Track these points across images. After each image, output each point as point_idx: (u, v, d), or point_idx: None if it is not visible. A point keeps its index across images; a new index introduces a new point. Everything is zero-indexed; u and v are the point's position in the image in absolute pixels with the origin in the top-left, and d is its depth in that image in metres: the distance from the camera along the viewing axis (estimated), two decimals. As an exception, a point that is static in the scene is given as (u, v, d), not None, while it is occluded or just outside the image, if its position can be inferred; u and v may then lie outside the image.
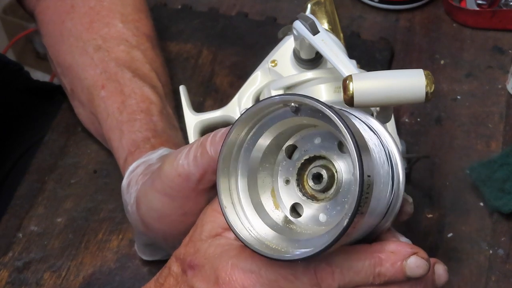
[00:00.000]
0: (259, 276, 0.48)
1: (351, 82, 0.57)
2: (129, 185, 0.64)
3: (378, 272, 0.47)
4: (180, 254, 0.53)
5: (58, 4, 0.79)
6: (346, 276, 0.47)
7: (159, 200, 0.58)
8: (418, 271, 0.48)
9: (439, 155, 0.78)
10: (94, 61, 0.75)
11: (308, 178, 0.50)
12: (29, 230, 0.75)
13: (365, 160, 0.44)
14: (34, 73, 1.61)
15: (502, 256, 0.70)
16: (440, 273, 0.51)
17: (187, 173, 0.55)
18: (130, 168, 0.65)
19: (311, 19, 0.66)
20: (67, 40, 0.77)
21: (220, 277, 0.48)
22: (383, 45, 0.87)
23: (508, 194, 0.72)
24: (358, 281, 0.47)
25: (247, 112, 0.48)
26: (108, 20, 0.77)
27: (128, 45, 0.76)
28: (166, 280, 0.53)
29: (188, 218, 0.58)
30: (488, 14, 0.88)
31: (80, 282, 0.71)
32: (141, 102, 0.72)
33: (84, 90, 0.75)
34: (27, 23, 1.76)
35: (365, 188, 0.43)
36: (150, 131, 0.69)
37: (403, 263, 0.47)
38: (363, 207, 0.44)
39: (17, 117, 0.96)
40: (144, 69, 0.75)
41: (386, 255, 0.47)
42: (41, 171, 0.80)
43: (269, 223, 0.49)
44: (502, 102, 0.82)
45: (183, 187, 0.56)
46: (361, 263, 0.47)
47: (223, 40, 0.90)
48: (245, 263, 0.48)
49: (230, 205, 0.49)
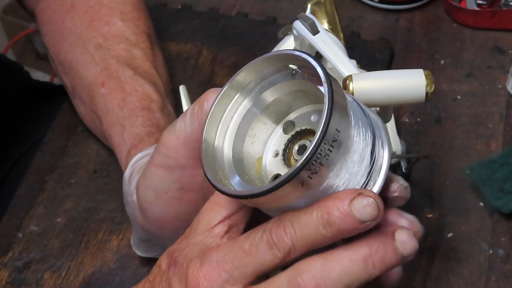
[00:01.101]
0: (224, 263, 0.47)
1: (351, 82, 0.57)
2: (131, 175, 0.64)
3: (327, 221, 0.45)
4: (171, 250, 0.53)
5: (58, 3, 0.79)
6: (297, 230, 0.45)
7: (156, 175, 0.58)
8: (366, 210, 0.44)
9: (439, 155, 0.78)
10: (94, 59, 0.75)
11: (294, 150, 0.50)
12: (29, 230, 0.75)
13: (336, 115, 0.43)
14: (34, 73, 1.61)
15: (502, 256, 0.70)
16: (403, 239, 0.46)
17: (185, 135, 0.55)
18: (134, 159, 0.65)
19: (311, 19, 0.66)
20: (67, 39, 0.77)
21: (188, 277, 0.48)
22: (383, 45, 0.87)
23: (508, 194, 0.72)
24: (309, 234, 0.45)
25: (248, 65, 0.49)
26: (108, 19, 0.77)
27: (129, 43, 0.76)
28: (155, 277, 0.53)
29: (184, 194, 0.58)
30: (488, 14, 0.88)
31: (80, 282, 0.71)
32: (142, 99, 0.72)
33: (84, 88, 0.75)
34: (27, 23, 1.76)
35: (328, 137, 0.42)
36: (154, 126, 0.69)
37: (349, 206, 0.44)
38: (323, 159, 0.43)
39: (17, 117, 0.96)
40: (144, 67, 0.75)
41: (330, 202, 0.45)
42: (41, 171, 0.80)
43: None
44: (502, 102, 0.82)
45: (181, 152, 0.55)
46: (308, 215, 0.45)
47: (223, 40, 0.90)
48: (210, 257, 0.48)
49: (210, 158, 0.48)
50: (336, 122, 0.43)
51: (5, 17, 1.85)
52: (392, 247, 0.46)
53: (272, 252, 0.46)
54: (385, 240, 0.46)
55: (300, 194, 0.45)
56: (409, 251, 0.46)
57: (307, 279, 0.45)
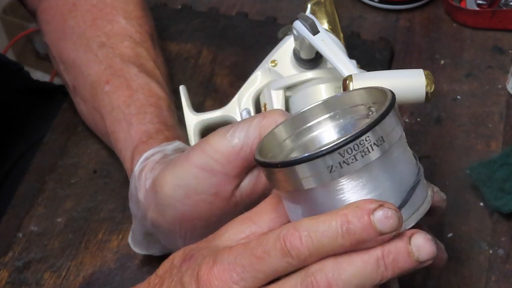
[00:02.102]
0: (235, 265, 0.47)
1: (351, 82, 0.57)
2: (143, 171, 0.63)
3: (346, 230, 0.44)
4: (188, 248, 0.52)
5: (61, 2, 0.79)
6: (314, 239, 0.45)
7: (194, 176, 0.57)
8: (388, 222, 0.44)
9: (439, 155, 0.78)
10: (98, 58, 0.75)
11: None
12: (29, 230, 0.75)
13: (392, 117, 0.45)
14: (34, 73, 1.62)
15: (502, 256, 0.70)
16: (420, 244, 0.45)
17: (242, 145, 0.55)
18: (145, 155, 0.64)
19: (311, 19, 0.66)
20: (70, 37, 0.77)
21: (200, 275, 0.48)
22: (383, 45, 0.87)
23: (508, 194, 0.72)
24: (327, 243, 0.45)
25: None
26: (111, 17, 0.77)
27: (132, 41, 0.76)
28: (166, 272, 0.52)
29: (216, 199, 0.57)
30: (488, 14, 0.88)
31: (80, 282, 0.71)
32: (149, 96, 0.71)
33: (86, 86, 0.75)
34: (27, 23, 1.76)
35: (379, 129, 0.44)
36: (162, 124, 0.69)
37: (371, 216, 0.44)
38: (362, 151, 0.44)
39: (17, 117, 0.96)
40: (148, 66, 0.75)
41: (351, 210, 0.44)
42: (41, 171, 0.80)
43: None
44: (502, 102, 0.82)
45: (232, 159, 0.55)
46: (327, 223, 0.45)
47: (223, 40, 0.90)
48: (222, 257, 0.48)
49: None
50: (392, 123, 0.44)
51: (5, 17, 1.85)
52: (406, 250, 0.45)
53: (286, 260, 0.46)
54: (400, 244, 0.46)
55: (323, 189, 0.45)
56: (426, 256, 0.46)
57: (319, 279, 0.45)
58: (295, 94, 0.72)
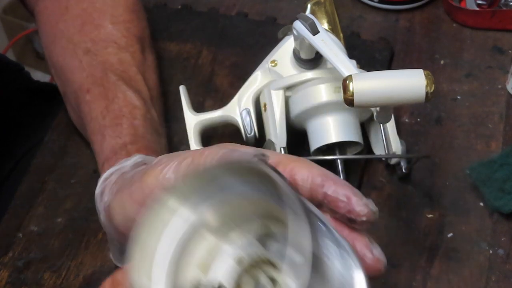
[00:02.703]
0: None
1: (351, 82, 0.57)
2: (103, 193, 0.63)
3: None
4: (118, 273, 0.52)
5: (55, 5, 0.78)
6: None
7: (136, 211, 0.56)
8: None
9: (439, 155, 0.78)
10: (82, 64, 0.74)
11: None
12: (29, 230, 0.75)
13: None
14: (34, 73, 1.61)
15: (502, 256, 0.70)
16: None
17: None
18: (104, 175, 0.64)
19: (311, 19, 0.66)
20: (59, 42, 0.77)
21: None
22: (383, 45, 0.87)
23: (508, 194, 0.72)
24: None
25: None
26: (98, 22, 0.76)
27: (116, 47, 0.75)
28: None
29: None
30: (488, 14, 0.88)
31: (80, 282, 0.71)
32: (124, 106, 0.70)
33: (72, 94, 0.75)
34: (27, 23, 1.76)
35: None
36: (129, 136, 0.68)
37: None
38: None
39: (17, 118, 0.96)
40: (130, 72, 0.74)
41: None
42: (41, 171, 0.80)
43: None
44: (502, 102, 0.82)
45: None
46: None
47: (223, 40, 0.90)
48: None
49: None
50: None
51: (5, 17, 1.85)
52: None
53: None
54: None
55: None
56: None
57: None
58: (295, 94, 0.72)
